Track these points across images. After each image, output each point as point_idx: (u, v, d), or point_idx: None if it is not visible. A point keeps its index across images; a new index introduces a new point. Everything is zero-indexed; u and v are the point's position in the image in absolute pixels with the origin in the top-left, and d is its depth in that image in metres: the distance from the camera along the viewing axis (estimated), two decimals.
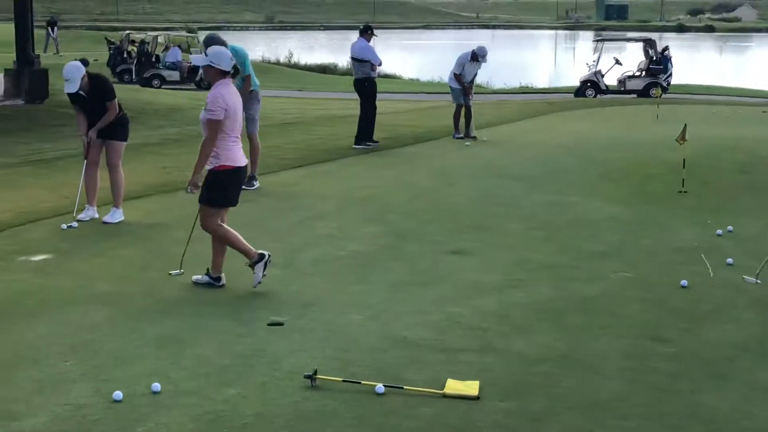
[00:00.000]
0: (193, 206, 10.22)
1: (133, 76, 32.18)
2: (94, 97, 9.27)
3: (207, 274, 7.25)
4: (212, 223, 7.17)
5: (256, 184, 11.48)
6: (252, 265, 7.07)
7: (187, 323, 6.33)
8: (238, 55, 11.17)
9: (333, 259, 8.11)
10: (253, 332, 6.14)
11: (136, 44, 34.16)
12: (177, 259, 7.61)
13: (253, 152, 11.56)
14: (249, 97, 11.34)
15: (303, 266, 7.87)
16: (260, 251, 7.08)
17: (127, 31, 39.74)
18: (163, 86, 30.80)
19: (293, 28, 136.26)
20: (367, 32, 15.31)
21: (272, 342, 5.95)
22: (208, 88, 7.43)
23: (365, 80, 15.31)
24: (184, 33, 47.18)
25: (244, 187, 11.12)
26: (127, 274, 7.56)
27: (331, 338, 6.04)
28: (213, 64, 6.99)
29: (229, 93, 7.01)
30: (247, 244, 7.12)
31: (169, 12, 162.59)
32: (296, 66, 46.59)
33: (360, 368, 5.47)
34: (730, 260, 7.98)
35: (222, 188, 7.14)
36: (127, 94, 10.55)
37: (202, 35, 22.36)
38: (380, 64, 15.53)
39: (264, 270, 7.05)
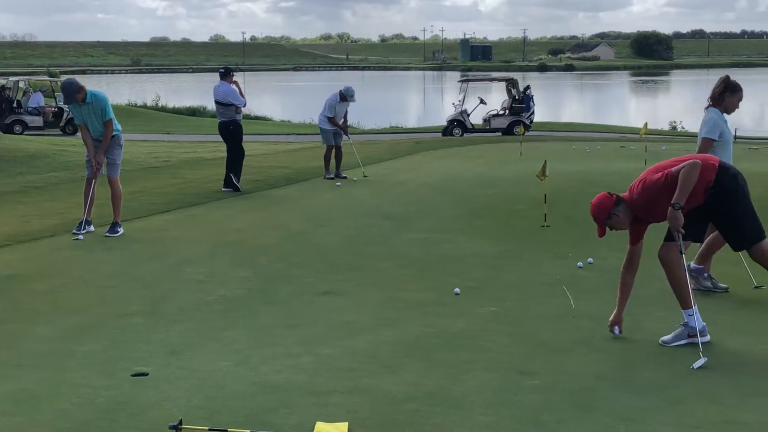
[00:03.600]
0: (52, 256, 9.97)
1: None
2: None
3: None
4: None
5: (120, 230, 11.20)
6: None
7: (45, 377, 6.08)
8: (98, 99, 11.00)
9: (201, 305, 7.97)
10: (116, 384, 5.94)
11: None
12: (37, 311, 7.33)
13: (114, 198, 11.30)
14: (110, 142, 11.13)
15: (169, 313, 7.70)
16: None
17: None
18: (25, 132, 29.83)
19: (160, 71, 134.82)
20: (228, 75, 15.28)
21: (136, 393, 5.77)
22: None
23: (230, 123, 15.26)
24: (46, 77, 45.94)
25: (107, 234, 11.01)
26: None
27: (198, 386, 5.90)
28: None
29: None
30: None
31: (31, 57, 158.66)
32: (164, 109, 46.06)
33: (227, 416, 5.36)
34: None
35: None
36: None
37: (64, 79, 21.83)
38: (244, 106, 15.50)
39: None
